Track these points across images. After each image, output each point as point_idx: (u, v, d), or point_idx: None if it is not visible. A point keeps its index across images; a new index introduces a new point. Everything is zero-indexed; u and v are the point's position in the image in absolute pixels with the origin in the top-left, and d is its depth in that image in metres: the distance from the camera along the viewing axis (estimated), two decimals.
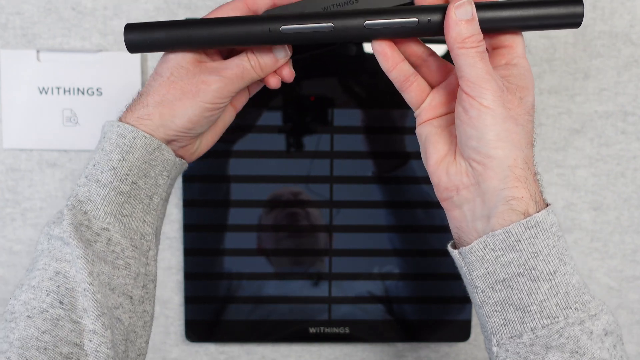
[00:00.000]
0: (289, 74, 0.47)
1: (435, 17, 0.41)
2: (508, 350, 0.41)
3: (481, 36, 0.40)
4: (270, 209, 0.67)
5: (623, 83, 0.68)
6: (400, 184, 0.67)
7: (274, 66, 0.46)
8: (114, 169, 0.43)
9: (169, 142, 0.46)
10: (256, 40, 0.44)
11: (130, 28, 0.45)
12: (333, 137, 0.66)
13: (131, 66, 0.65)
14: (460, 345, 0.71)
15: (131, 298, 0.43)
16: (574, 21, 0.42)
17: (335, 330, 0.69)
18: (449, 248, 0.44)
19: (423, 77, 0.45)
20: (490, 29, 0.41)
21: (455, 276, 0.68)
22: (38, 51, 0.65)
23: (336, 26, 0.43)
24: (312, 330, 0.69)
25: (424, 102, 0.44)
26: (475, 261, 0.41)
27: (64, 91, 0.66)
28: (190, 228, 0.67)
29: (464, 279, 0.43)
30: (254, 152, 0.66)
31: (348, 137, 0.66)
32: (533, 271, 0.39)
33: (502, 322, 0.41)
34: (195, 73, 0.44)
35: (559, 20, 0.42)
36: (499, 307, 0.41)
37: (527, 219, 0.39)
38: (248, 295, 0.68)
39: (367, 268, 0.68)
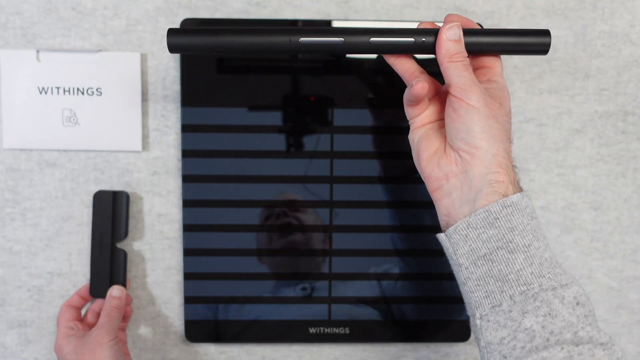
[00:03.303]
0: (129, 311, 0.69)
1: (429, 38, 0.49)
2: (489, 321, 0.45)
3: (466, 54, 0.48)
4: (270, 209, 0.67)
5: (623, 83, 0.68)
6: (400, 184, 0.67)
7: (119, 301, 0.66)
8: None
9: None
10: (278, 49, 0.51)
11: (172, 32, 0.52)
12: (333, 137, 0.66)
13: (131, 66, 0.65)
14: (460, 345, 0.71)
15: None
16: (543, 49, 0.51)
17: (335, 330, 0.69)
18: (437, 235, 0.49)
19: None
20: (474, 51, 0.50)
21: (453, 276, 0.68)
22: (38, 51, 0.65)
23: (346, 41, 0.50)
24: (312, 330, 0.69)
25: (422, 114, 0.52)
26: (460, 240, 0.46)
27: (64, 91, 0.66)
28: (190, 228, 0.67)
29: (450, 261, 0.48)
30: (254, 152, 0.66)
31: (348, 137, 0.66)
32: (510, 244, 0.45)
33: (484, 294, 0.46)
34: (87, 337, 0.63)
35: (530, 48, 0.51)
36: (481, 281, 0.46)
37: (504, 199, 0.45)
38: (248, 296, 0.68)
39: (367, 268, 0.68)
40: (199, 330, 0.69)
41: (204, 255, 0.68)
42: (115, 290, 0.66)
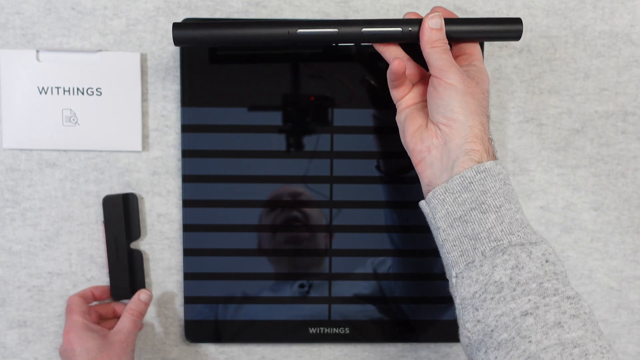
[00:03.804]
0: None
1: (414, 28, 0.55)
2: (464, 277, 0.49)
3: (446, 40, 0.54)
4: (270, 209, 0.67)
5: (623, 83, 0.68)
6: (400, 183, 0.67)
7: (147, 306, 0.66)
8: None
9: None
10: (277, 40, 0.56)
11: (177, 26, 0.56)
12: (333, 137, 0.66)
13: (131, 66, 0.65)
14: (460, 345, 0.71)
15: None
16: (515, 35, 0.57)
17: (335, 330, 0.69)
18: (419, 203, 0.53)
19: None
20: (454, 38, 0.56)
21: None
22: (38, 51, 0.65)
23: (340, 31, 0.56)
24: (312, 330, 0.69)
25: (406, 96, 0.57)
26: (438, 204, 0.50)
27: (64, 91, 0.66)
28: (189, 228, 0.67)
29: (430, 226, 0.52)
30: (254, 152, 0.66)
31: (348, 137, 0.66)
32: (482, 205, 0.49)
33: (459, 253, 0.49)
34: (111, 342, 0.61)
35: (504, 34, 0.57)
36: (457, 242, 0.49)
37: (478, 165, 0.49)
38: (248, 296, 0.68)
39: (367, 268, 0.68)
40: (199, 330, 0.69)
41: (204, 255, 0.68)
42: (143, 295, 0.65)
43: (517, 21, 0.56)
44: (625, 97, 0.68)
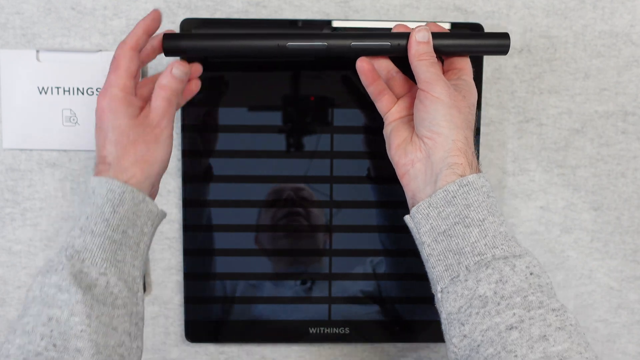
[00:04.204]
0: (195, 85, 0.60)
1: (402, 42, 0.55)
2: (449, 292, 0.48)
3: (433, 53, 0.54)
4: (270, 208, 0.67)
5: (623, 83, 0.68)
6: (400, 184, 0.67)
7: (182, 83, 0.54)
8: (106, 220, 0.49)
9: (150, 192, 0.53)
10: (266, 54, 0.57)
11: (167, 37, 0.56)
12: (333, 137, 0.66)
13: None
14: None
15: (129, 335, 0.48)
16: (503, 50, 0.57)
17: (335, 330, 0.69)
18: (404, 217, 0.53)
19: (391, 89, 0.58)
20: (443, 52, 0.56)
21: None
22: (38, 51, 0.65)
23: (329, 45, 0.56)
24: (312, 330, 0.69)
25: (391, 109, 0.57)
26: (422, 219, 0.50)
27: (64, 91, 0.66)
28: (190, 228, 0.67)
29: (415, 240, 0.52)
30: (254, 152, 0.66)
31: (348, 137, 0.66)
32: (466, 219, 0.49)
33: (444, 268, 0.49)
34: (142, 126, 0.52)
35: (492, 49, 0.57)
36: (441, 256, 0.49)
37: (461, 178, 0.49)
38: (248, 296, 0.68)
39: (367, 268, 0.68)
40: (199, 330, 0.69)
41: (203, 256, 0.68)
42: (176, 69, 0.53)
43: (505, 36, 0.57)
44: (625, 97, 0.68)
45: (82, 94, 0.66)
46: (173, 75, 0.53)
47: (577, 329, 0.45)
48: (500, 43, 0.57)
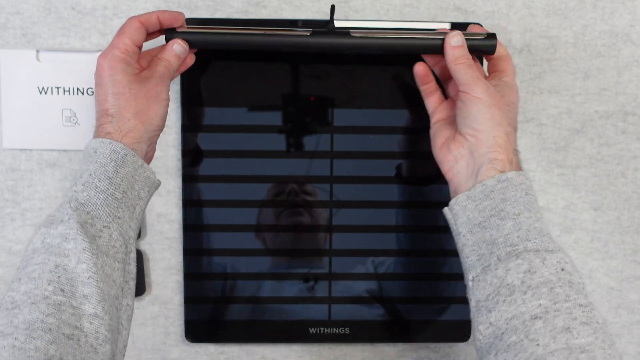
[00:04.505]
0: (190, 59, 0.60)
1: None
2: (479, 281, 0.50)
3: (469, 55, 0.56)
4: (272, 202, 0.67)
5: (623, 83, 0.68)
6: (401, 184, 0.67)
7: (179, 60, 0.57)
8: (109, 178, 0.51)
9: (146, 153, 0.56)
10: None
11: (169, 31, 0.58)
12: (333, 137, 0.66)
13: None
14: (460, 345, 0.71)
15: (122, 289, 0.50)
16: (492, 50, 0.59)
17: (335, 330, 0.69)
18: (443, 209, 0.55)
19: (446, 89, 0.61)
20: (424, 52, 0.59)
21: (455, 276, 0.68)
22: (38, 51, 0.65)
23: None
24: (312, 330, 0.69)
25: (437, 108, 0.60)
26: (460, 210, 0.52)
27: (64, 91, 0.66)
28: (190, 228, 0.67)
29: (452, 232, 0.54)
30: (254, 152, 0.66)
31: (348, 137, 0.66)
32: (502, 212, 0.50)
33: (477, 258, 0.51)
34: (143, 82, 0.54)
35: (483, 49, 0.59)
36: (475, 247, 0.51)
37: (500, 174, 0.51)
38: (248, 296, 0.68)
39: (367, 268, 0.68)
40: (199, 330, 0.69)
41: (204, 255, 0.67)
42: (177, 45, 0.57)
43: (492, 36, 0.58)
44: (625, 97, 0.68)
45: (82, 94, 0.66)
46: (173, 51, 0.57)
47: (603, 328, 0.46)
48: (490, 43, 0.58)
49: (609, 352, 0.44)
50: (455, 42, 0.56)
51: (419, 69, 0.60)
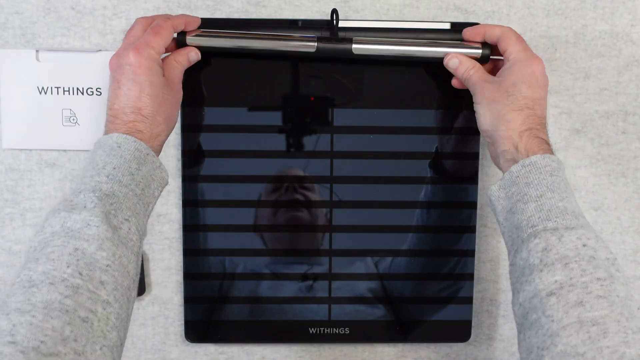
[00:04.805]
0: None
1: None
2: (512, 265, 0.52)
3: (470, 66, 0.59)
4: (268, 203, 0.67)
5: (624, 83, 0.68)
6: (401, 184, 0.67)
7: (190, 64, 0.61)
8: (132, 174, 0.52)
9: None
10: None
11: (181, 35, 0.60)
12: (333, 137, 0.66)
13: None
14: (460, 345, 0.71)
15: (134, 282, 0.51)
16: (485, 61, 0.61)
17: (335, 330, 0.69)
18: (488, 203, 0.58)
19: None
20: (418, 60, 0.62)
21: (455, 276, 0.68)
22: (37, 51, 0.65)
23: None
24: (312, 330, 0.69)
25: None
26: (495, 200, 0.55)
27: (64, 91, 0.66)
28: (189, 228, 0.67)
29: (496, 220, 0.56)
30: (254, 152, 0.66)
31: (348, 137, 0.66)
32: (525, 196, 0.52)
33: (511, 243, 0.53)
34: (171, 87, 0.58)
35: (479, 61, 0.61)
36: (509, 233, 0.53)
37: (524, 159, 0.53)
38: (248, 296, 0.68)
39: (367, 268, 0.68)
40: (198, 330, 0.69)
41: (203, 256, 0.67)
42: (193, 53, 0.61)
43: (486, 46, 0.60)
44: (625, 97, 0.68)
45: (82, 94, 0.66)
46: (189, 57, 0.60)
47: (625, 301, 0.45)
48: (481, 56, 0.60)
49: (624, 324, 0.44)
50: (453, 65, 0.60)
51: (455, 82, 0.63)
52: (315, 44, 0.60)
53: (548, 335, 0.45)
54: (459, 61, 0.60)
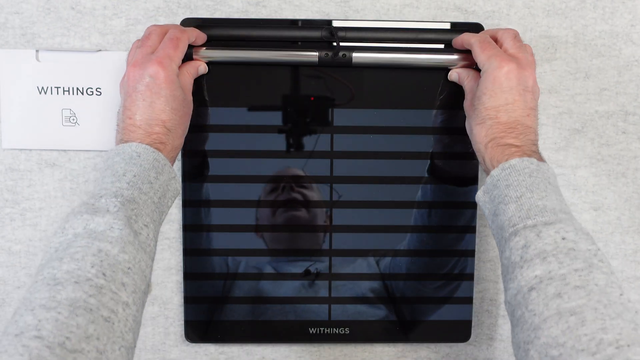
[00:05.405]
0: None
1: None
2: (502, 265, 0.53)
3: (465, 74, 0.62)
4: (267, 202, 0.67)
5: (624, 83, 0.68)
6: (401, 184, 0.67)
7: (197, 75, 0.63)
8: (151, 183, 0.54)
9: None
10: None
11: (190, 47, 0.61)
12: (333, 137, 0.66)
13: None
14: (460, 345, 0.71)
15: (148, 287, 0.52)
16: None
17: (335, 330, 0.69)
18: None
19: None
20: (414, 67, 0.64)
21: (454, 277, 0.68)
22: (37, 51, 0.65)
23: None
24: (312, 330, 0.69)
25: None
26: (482, 205, 0.56)
27: (64, 91, 0.66)
28: (189, 228, 0.67)
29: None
30: (254, 152, 0.66)
31: (348, 137, 0.66)
32: (506, 197, 0.53)
33: (498, 244, 0.54)
34: (188, 101, 0.60)
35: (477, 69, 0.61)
36: (496, 234, 0.54)
37: (503, 163, 0.54)
38: (248, 296, 0.68)
39: (367, 268, 0.68)
40: (198, 330, 0.69)
41: (203, 255, 0.67)
42: (202, 67, 0.63)
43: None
44: (625, 97, 0.68)
45: (82, 94, 0.66)
46: (198, 70, 0.62)
47: (604, 289, 0.46)
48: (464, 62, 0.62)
49: (602, 311, 0.44)
50: (454, 79, 0.63)
51: (449, 76, 0.64)
52: (317, 59, 0.62)
53: (532, 329, 0.46)
54: (459, 75, 0.63)
